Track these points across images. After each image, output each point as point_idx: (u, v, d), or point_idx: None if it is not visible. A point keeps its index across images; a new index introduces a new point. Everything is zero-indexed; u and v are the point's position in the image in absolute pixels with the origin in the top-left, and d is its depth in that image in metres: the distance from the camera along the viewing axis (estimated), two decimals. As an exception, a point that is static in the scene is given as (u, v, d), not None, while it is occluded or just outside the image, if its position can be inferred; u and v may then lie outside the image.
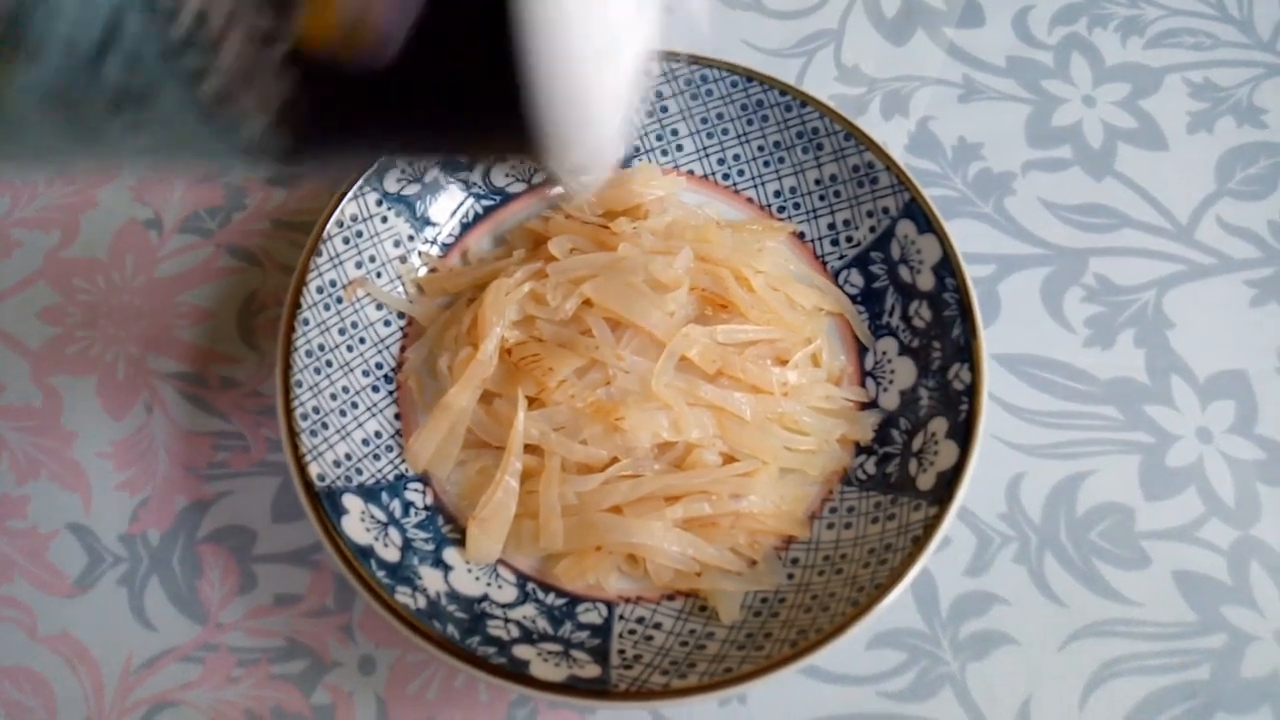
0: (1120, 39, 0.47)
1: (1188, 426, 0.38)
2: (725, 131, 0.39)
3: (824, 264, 0.39)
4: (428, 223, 0.38)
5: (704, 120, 0.39)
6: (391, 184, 0.36)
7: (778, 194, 0.39)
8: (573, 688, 0.28)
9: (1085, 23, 0.48)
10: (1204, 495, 0.37)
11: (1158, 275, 0.41)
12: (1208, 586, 0.35)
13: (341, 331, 0.35)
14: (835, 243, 0.39)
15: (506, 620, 0.31)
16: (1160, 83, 0.46)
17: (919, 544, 0.30)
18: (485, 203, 0.39)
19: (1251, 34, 0.48)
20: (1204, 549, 0.36)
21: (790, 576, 0.33)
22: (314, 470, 0.31)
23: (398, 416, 0.35)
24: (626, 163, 0.40)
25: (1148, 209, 0.43)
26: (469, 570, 0.33)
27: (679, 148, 0.40)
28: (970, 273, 0.35)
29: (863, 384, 0.37)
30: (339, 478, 0.32)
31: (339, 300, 0.35)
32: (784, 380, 0.35)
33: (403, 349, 0.36)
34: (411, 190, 0.37)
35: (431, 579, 0.31)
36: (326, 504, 0.31)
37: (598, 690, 0.29)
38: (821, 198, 0.39)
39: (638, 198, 0.38)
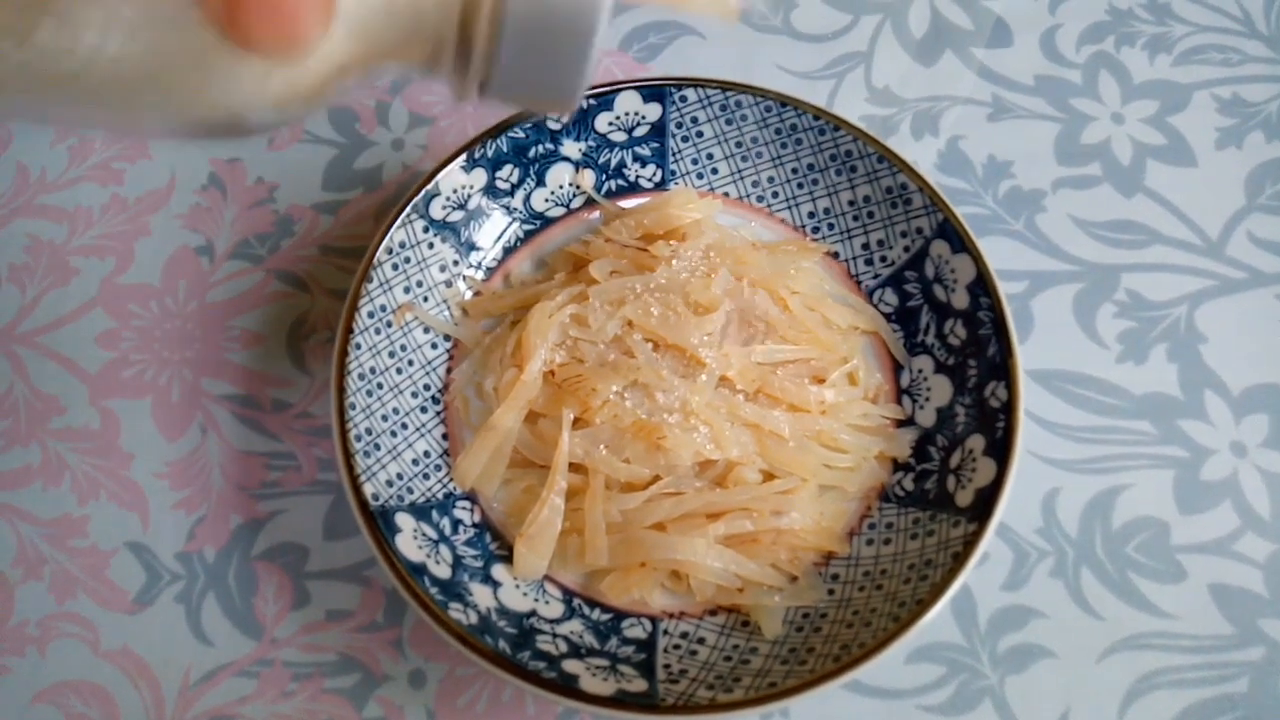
0: (1148, 56, 0.48)
1: (1222, 440, 0.39)
2: (759, 155, 0.40)
3: (858, 283, 0.39)
4: (472, 247, 0.39)
5: (739, 144, 0.40)
6: (437, 211, 0.37)
7: (812, 215, 0.40)
8: (622, 702, 0.29)
9: (1113, 41, 0.48)
10: (1239, 509, 0.37)
11: (1189, 290, 0.42)
12: (1244, 599, 0.36)
13: (391, 355, 0.36)
14: (869, 262, 0.39)
15: (554, 635, 0.32)
16: (1189, 99, 0.46)
17: (959, 560, 0.31)
18: (526, 227, 0.40)
19: None
20: (1240, 562, 0.36)
21: (831, 592, 0.33)
22: (368, 490, 0.32)
23: (445, 436, 0.36)
24: (663, 186, 0.41)
25: (1178, 225, 0.43)
26: (517, 586, 0.33)
27: (714, 171, 0.41)
28: (1002, 290, 0.35)
29: (899, 402, 0.37)
30: (391, 497, 0.33)
31: (389, 324, 0.36)
32: (821, 398, 0.35)
33: (449, 370, 0.37)
34: (456, 217, 0.38)
35: (481, 595, 0.32)
36: (381, 523, 0.31)
37: (646, 704, 0.29)
38: (855, 218, 0.39)
39: (675, 221, 0.39)
